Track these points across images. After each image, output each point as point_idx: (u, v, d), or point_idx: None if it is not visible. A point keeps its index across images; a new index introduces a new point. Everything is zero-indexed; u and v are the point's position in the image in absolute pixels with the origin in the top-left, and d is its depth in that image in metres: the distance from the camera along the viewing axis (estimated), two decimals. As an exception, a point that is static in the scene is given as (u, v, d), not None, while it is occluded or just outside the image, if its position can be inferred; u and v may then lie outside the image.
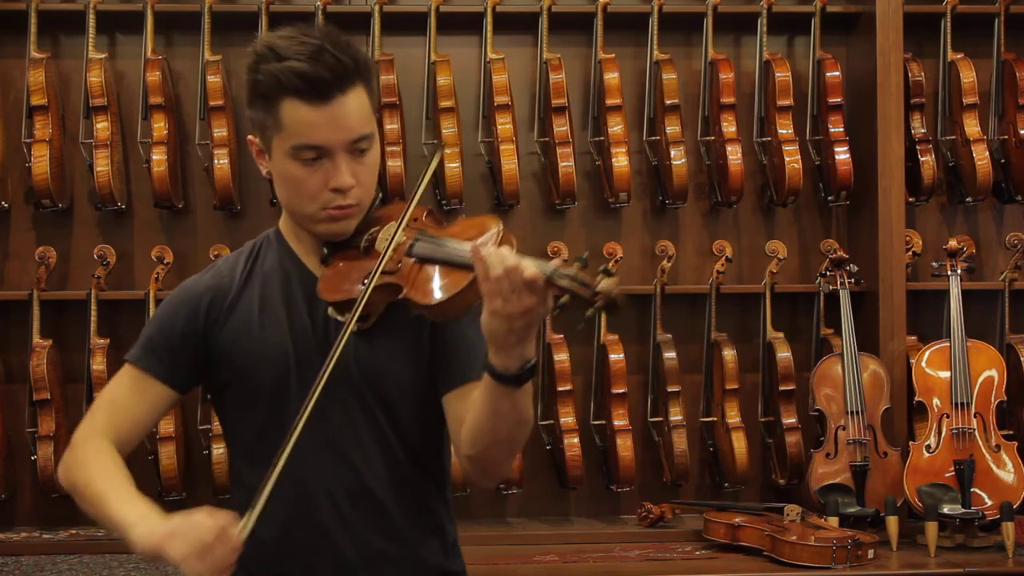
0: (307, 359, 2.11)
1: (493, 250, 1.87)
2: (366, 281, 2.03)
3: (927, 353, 4.09)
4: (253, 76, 2.07)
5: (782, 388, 4.20)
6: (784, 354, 4.20)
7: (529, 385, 1.97)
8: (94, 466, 2.13)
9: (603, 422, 4.24)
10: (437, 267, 2.00)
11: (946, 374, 4.05)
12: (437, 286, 1.98)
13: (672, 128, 4.24)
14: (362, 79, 2.07)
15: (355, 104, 2.05)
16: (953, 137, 4.37)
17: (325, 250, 2.15)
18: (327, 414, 2.07)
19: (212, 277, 2.21)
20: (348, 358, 2.08)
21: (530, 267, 1.83)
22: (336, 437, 2.11)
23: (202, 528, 1.92)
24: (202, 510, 1.95)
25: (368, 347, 2.11)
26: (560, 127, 4.17)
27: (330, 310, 2.11)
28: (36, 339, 4.09)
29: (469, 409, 2.05)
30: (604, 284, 1.82)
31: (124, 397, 2.20)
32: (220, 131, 4.13)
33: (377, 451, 2.13)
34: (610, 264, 1.87)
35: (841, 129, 4.30)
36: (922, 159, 4.31)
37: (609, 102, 4.22)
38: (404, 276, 2.02)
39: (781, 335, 4.25)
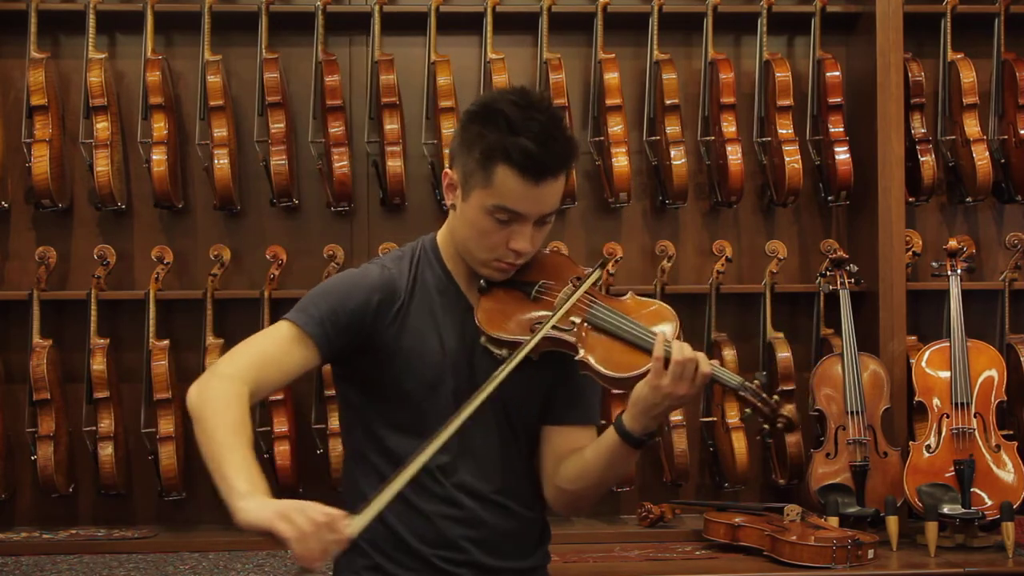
0: (452, 378, 2.30)
1: (676, 342, 2.22)
2: (534, 329, 2.25)
3: (927, 353, 4.09)
4: (479, 132, 2.23)
5: (782, 388, 4.20)
6: (784, 354, 4.20)
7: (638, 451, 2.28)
8: (227, 413, 2.16)
9: (603, 423, 4.22)
10: (617, 341, 2.26)
11: (946, 374, 4.05)
12: (620, 361, 2.24)
13: (672, 128, 4.24)
14: (570, 167, 2.30)
15: (557, 187, 2.25)
16: (953, 137, 4.37)
17: (483, 283, 2.33)
18: (472, 430, 2.25)
19: (382, 274, 2.32)
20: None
21: (705, 366, 2.20)
22: (477, 450, 2.32)
23: (314, 512, 2.01)
24: (314, 504, 2.03)
25: (511, 376, 2.26)
26: (560, 127, 4.17)
27: (483, 339, 2.28)
28: (36, 339, 4.09)
29: (568, 447, 2.35)
30: (787, 409, 2.26)
31: (276, 351, 2.25)
32: (220, 131, 4.13)
33: (507, 464, 2.35)
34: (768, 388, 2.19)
35: (841, 129, 4.30)
36: (922, 159, 4.32)
37: (609, 102, 4.22)
38: (579, 337, 2.26)
39: (781, 335, 4.25)
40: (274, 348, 2.25)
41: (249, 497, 2.08)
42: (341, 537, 2.01)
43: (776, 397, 2.28)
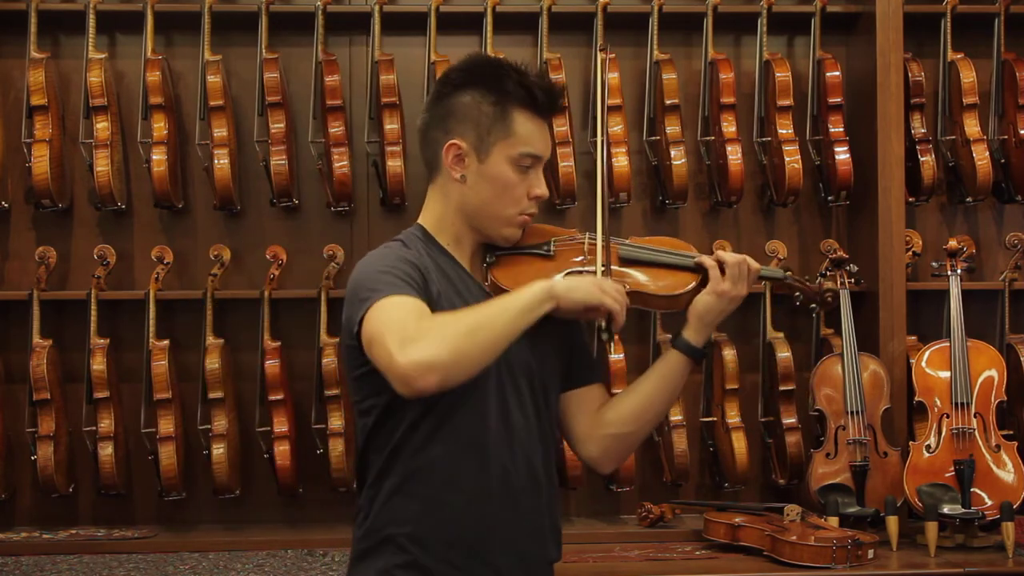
0: None
1: (721, 251, 2.48)
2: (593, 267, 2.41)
3: (927, 353, 4.09)
4: (483, 90, 2.33)
5: (782, 388, 4.20)
6: (784, 354, 4.20)
7: None
8: (448, 315, 2.19)
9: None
10: (655, 268, 2.46)
11: (946, 374, 4.05)
12: (669, 283, 2.46)
13: (672, 128, 4.24)
14: None
15: None
16: (953, 137, 4.37)
17: (489, 257, 2.43)
18: (508, 403, 2.34)
19: (410, 254, 2.35)
20: (517, 349, 2.30)
21: (753, 262, 2.46)
22: (514, 422, 2.34)
23: (614, 284, 2.29)
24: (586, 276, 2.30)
25: (533, 343, 2.34)
26: (560, 127, 4.17)
27: None
28: (36, 339, 4.09)
29: (596, 404, 2.46)
30: (829, 284, 2.62)
31: (415, 307, 2.19)
32: (220, 131, 4.13)
33: (538, 436, 2.39)
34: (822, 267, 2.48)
35: (841, 129, 4.31)
36: (922, 159, 4.32)
37: (609, 102, 4.22)
38: (620, 275, 2.43)
39: (781, 335, 4.25)
40: (413, 307, 2.18)
41: (554, 283, 2.21)
42: (625, 304, 2.27)
43: (808, 278, 2.59)
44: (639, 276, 2.46)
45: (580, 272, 2.40)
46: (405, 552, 2.29)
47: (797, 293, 2.60)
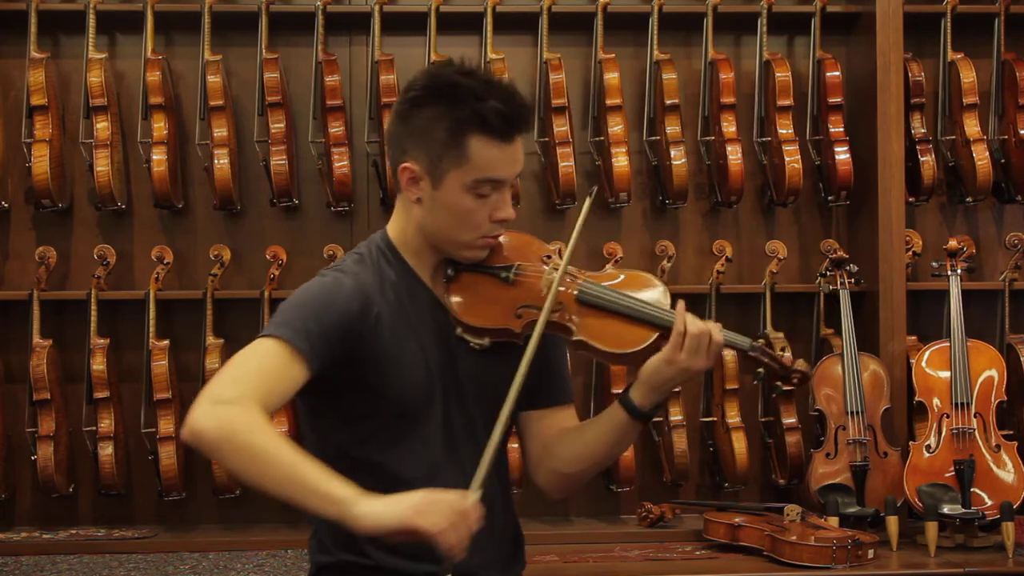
0: (436, 376, 2.22)
1: (689, 315, 2.19)
2: (519, 315, 2.21)
3: (927, 353, 4.09)
4: (436, 112, 2.19)
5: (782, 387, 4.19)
6: (784, 354, 4.19)
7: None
8: (272, 432, 2.00)
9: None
10: (613, 316, 2.21)
11: (946, 374, 4.05)
12: (622, 337, 2.20)
13: (672, 128, 4.24)
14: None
15: (522, 143, 2.24)
16: (953, 137, 4.37)
17: (450, 271, 2.26)
18: (455, 427, 2.22)
19: (356, 281, 2.19)
20: (471, 374, 2.23)
21: (717, 334, 2.19)
22: (463, 454, 2.22)
23: (447, 500, 1.97)
24: (433, 491, 1.99)
25: (487, 364, 2.24)
26: (560, 127, 4.17)
27: (459, 330, 2.23)
28: (36, 339, 4.09)
29: (554, 428, 2.32)
30: (799, 364, 2.34)
31: (274, 370, 2.07)
32: (220, 131, 4.13)
33: (494, 461, 2.21)
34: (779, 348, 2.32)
35: (841, 129, 4.30)
36: (922, 159, 4.32)
37: (609, 102, 4.22)
38: (570, 318, 2.22)
39: (781, 335, 4.25)
40: (274, 368, 2.07)
41: (363, 501, 1.96)
42: (474, 516, 1.99)
43: (783, 354, 2.30)
44: (590, 324, 2.21)
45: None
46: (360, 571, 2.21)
47: (760, 369, 2.30)
